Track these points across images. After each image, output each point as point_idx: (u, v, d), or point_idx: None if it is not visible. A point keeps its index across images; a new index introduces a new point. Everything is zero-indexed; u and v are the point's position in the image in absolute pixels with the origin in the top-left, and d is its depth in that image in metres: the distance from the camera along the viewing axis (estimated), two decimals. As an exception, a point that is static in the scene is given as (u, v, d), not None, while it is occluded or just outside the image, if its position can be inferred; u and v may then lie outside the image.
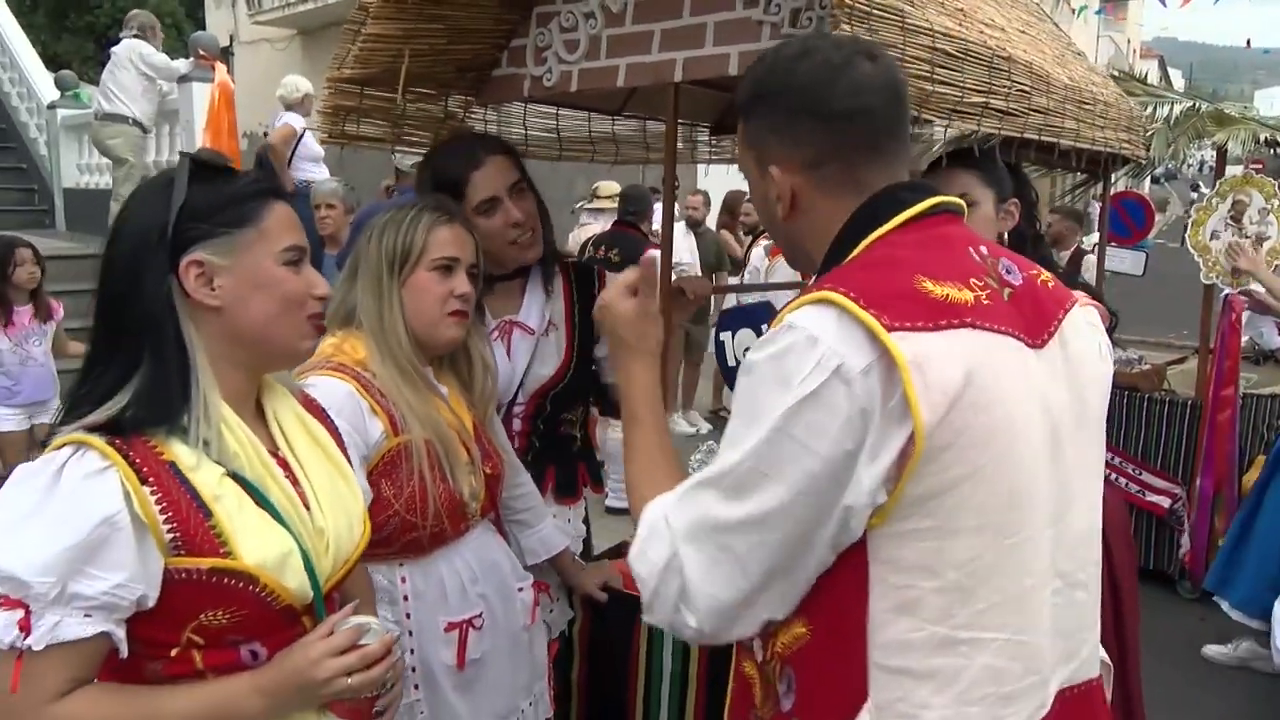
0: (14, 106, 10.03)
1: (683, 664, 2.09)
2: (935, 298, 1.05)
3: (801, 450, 1.01)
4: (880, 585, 1.05)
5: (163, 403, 1.18)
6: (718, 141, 3.16)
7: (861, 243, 1.13)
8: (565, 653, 2.26)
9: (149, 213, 1.21)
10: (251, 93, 9.84)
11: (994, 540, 1.06)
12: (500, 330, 2.13)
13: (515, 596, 1.88)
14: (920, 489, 1.02)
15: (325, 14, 11.51)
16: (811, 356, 1.01)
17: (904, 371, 0.99)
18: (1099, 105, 2.47)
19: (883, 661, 1.06)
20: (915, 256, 1.09)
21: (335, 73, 2.09)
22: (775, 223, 1.24)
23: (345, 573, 1.36)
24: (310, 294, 1.29)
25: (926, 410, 0.99)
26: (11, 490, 1.14)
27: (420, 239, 1.73)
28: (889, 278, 1.06)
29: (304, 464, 1.33)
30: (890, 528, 1.03)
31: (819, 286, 1.07)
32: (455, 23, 2.08)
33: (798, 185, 1.18)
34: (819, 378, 1.00)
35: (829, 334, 1.01)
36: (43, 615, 1.09)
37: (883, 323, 1.00)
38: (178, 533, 1.15)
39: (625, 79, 2.03)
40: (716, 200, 7.78)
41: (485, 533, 1.87)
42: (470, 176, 2.00)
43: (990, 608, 1.06)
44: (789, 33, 1.79)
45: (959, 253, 1.13)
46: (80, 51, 17.28)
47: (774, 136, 1.18)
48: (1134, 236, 7.10)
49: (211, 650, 1.20)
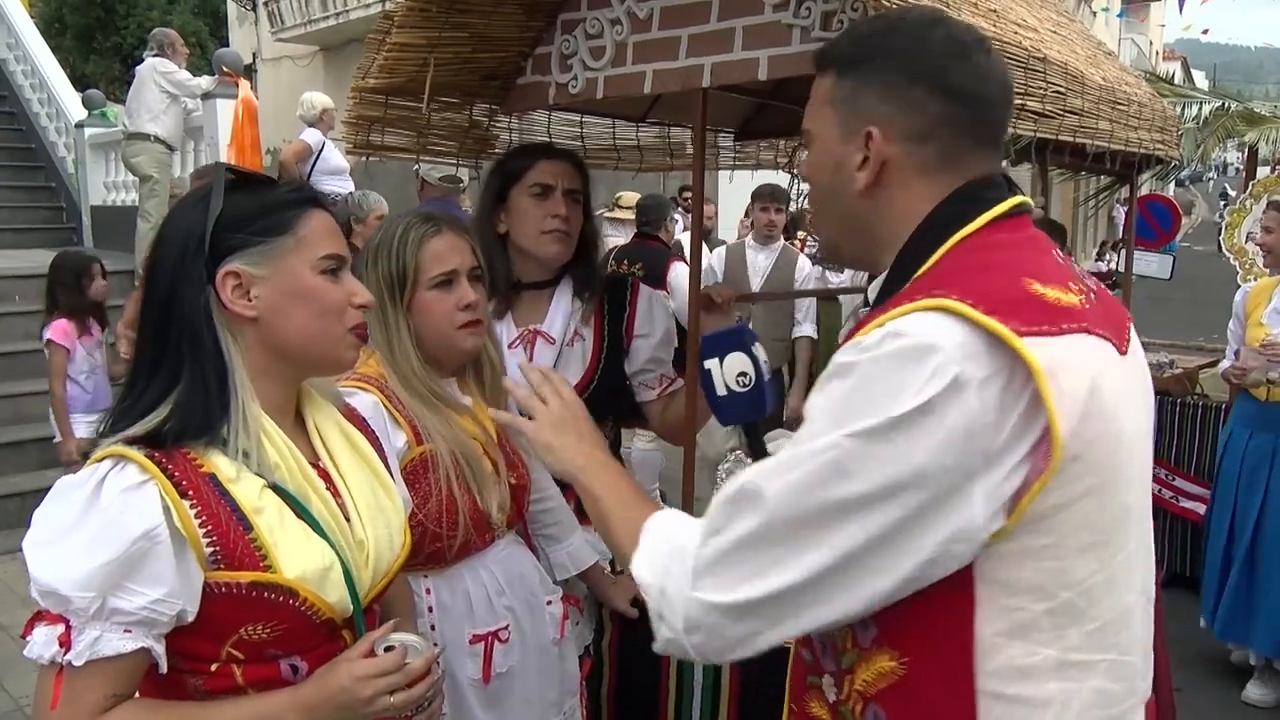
0: (43, 126, 10.17)
1: (714, 679, 2.06)
2: (1050, 301, 0.98)
3: (897, 459, 0.91)
4: (989, 608, 0.97)
5: (201, 415, 1.17)
6: (742, 147, 3.14)
7: (947, 240, 1.05)
8: (595, 667, 2.23)
9: (187, 223, 1.21)
10: (275, 109, 9.93)
11: (1107, 557, 1.00)
12: (523, 339, 2.12)
13: (544, 610, 1.85)
14: (1046, 504, 0.94)
15: (347, 30, 11.60)
16: (927, 365, 0.91)
17: (1041, 379, 0.91)
18: (1133, 105, 2.43)
19: (995, 689, 0.99)
20: (1016, 258, 1.02)
21: (360, 83, 2.08)
22: (842, 195, 1.12)
23: (385, 585, 1.34)
24: (351, 303, 1.27)
25: (1064, 420, 0.92)
26: (52, 504, 1.13)
27: (413, 259, 1.69)
28: (1000, 280, 0.98)
29: (345, 475, 1.32)
30: (1006, 546, 0.96)
31: (922, 293, 0.97)
32: (480, 31, 2.07)
33: (893, 156, 1.08)
34: (935, 387, 0.90)
35: (947, 342, 0.92)
36: (83, 631, 1.08)
37: (1012, 328, 0.92)
38: (217, 546, 1.14)
39: (652, 85, 2.01)
40: (735, 209, 7.74)
41: (512, 544, 1.85)
42: (538, 163, 2.10)
43: (1100, 627, 1.01)
44: (820, 36, 1.77)
45: (1049, 255, 1.07)
46: (108, 72, 17.52)
47: (882, 98, 1.08)
48: (1160, 240, 7.02)
49: (251, 665, 1.19)
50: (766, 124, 2.94)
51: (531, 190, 2.07)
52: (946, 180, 1.09)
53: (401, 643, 1.24)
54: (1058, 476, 0.93)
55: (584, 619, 2.11)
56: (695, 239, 2.14)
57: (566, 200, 2.08)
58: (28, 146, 10.32)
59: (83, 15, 18.03)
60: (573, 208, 2.09)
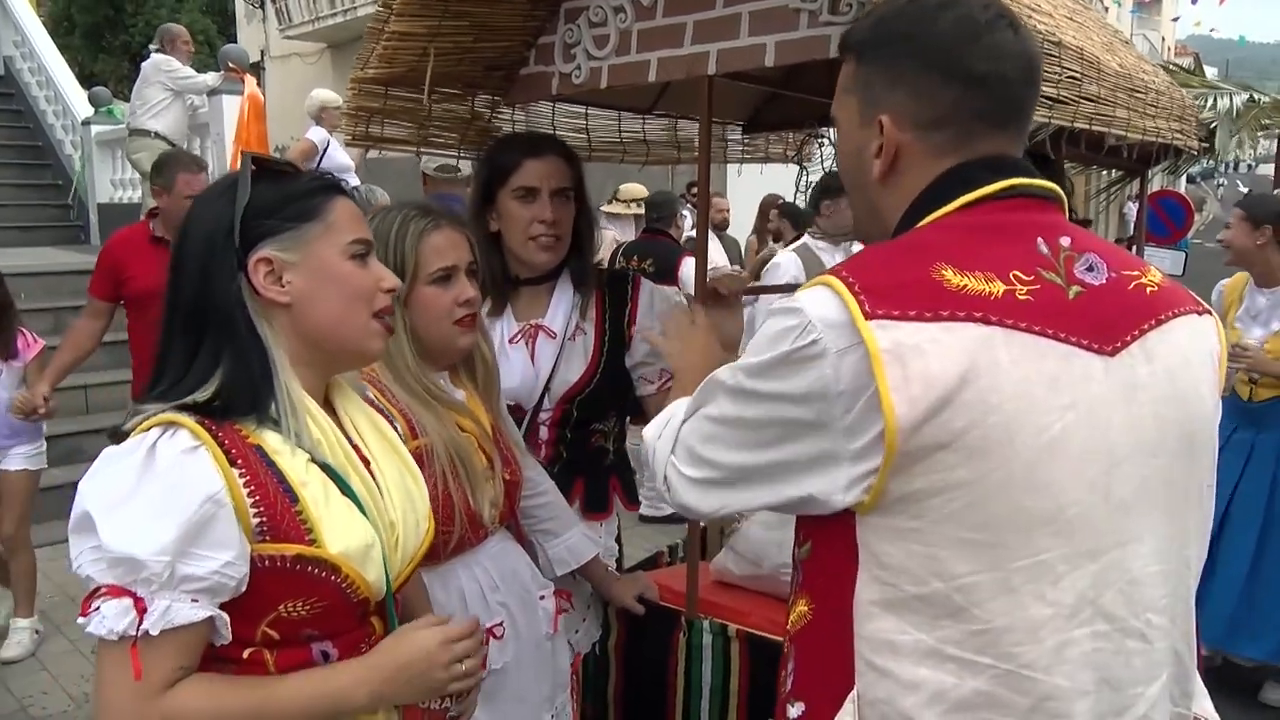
0: (50, 124, 10.20)
1: (723, 678, 2.02)
2: (948, 288, 0.97)
3: (768, 397, 1.02)
4: (866, 574, 1.01)
5: (250, 394, 1.16)
6: (750, 140, 3.09)
7: (920, 223, 1.06)
8: (601, 667, 2.20)
9: (215, 213, 1.20)
10: (282, 107, 9.94)
11: (995, 560, 0.96)
12: (524, 333, 2.09)
13: (537, 605, 1.83)
14: (909, 487, 0.96)
15: (355, 27, 11.60)
16: (796, 324, 0.99)
17: (875, 359, 0.94)
18: (1150, 94, 2.37)
19: (868, 657, 1.01)
20: (950, 241, 1.02)
21: (359, 73, 2.04)
22: (863, 181, 1.14)
23: (411, 570, 1.34)
24: (380, 287, 1.27)
25: (903, 403, 0.93)
26: (102, 473, 1.11)
27: (412, 253, 1.66)
28: (904, 263, 1.00)
29: (376, 458, 1.32)
30: (875, 519, 0.99)
31: (834, 269, 1.03)
32: (481, 20, 2.03)
33: (905, 144, 1.08)
34: (797, 344, 0.98)
35: (816, 311, 0.98)
36: (154, 600, 1.06)
37: (864, 309, 0.95)
38: (264, 517, 1.13)
39: (657, 73, 1.97)
40: (746, 205, 7.70)
41: (504, 541, 1.83)
42: (524, 162, 2.02)
43: (989, 630, 0.96)
44: (828, 20, 1.72)
45: (1013, 242, 1.02)
46: (116, 71, 17.54)
47: (894, 85, 1.08)
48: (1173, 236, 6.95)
49: (285, 649, 1.18)
50: (775, 116, 2.89)
51: (516, 194, 2.02)
52: (952, 163, 1.07)
53: (470, 617, 1.29)
54: (919, 461, 0.95)
55: (590, 618, 2.08)
56: (701, 230, 2.10)
57: (555, 201, 2.02)
58: (35, 144, 10.35)
59: (91, 13, 18.08)
60: (562, 207, 2.04)
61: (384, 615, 1.27)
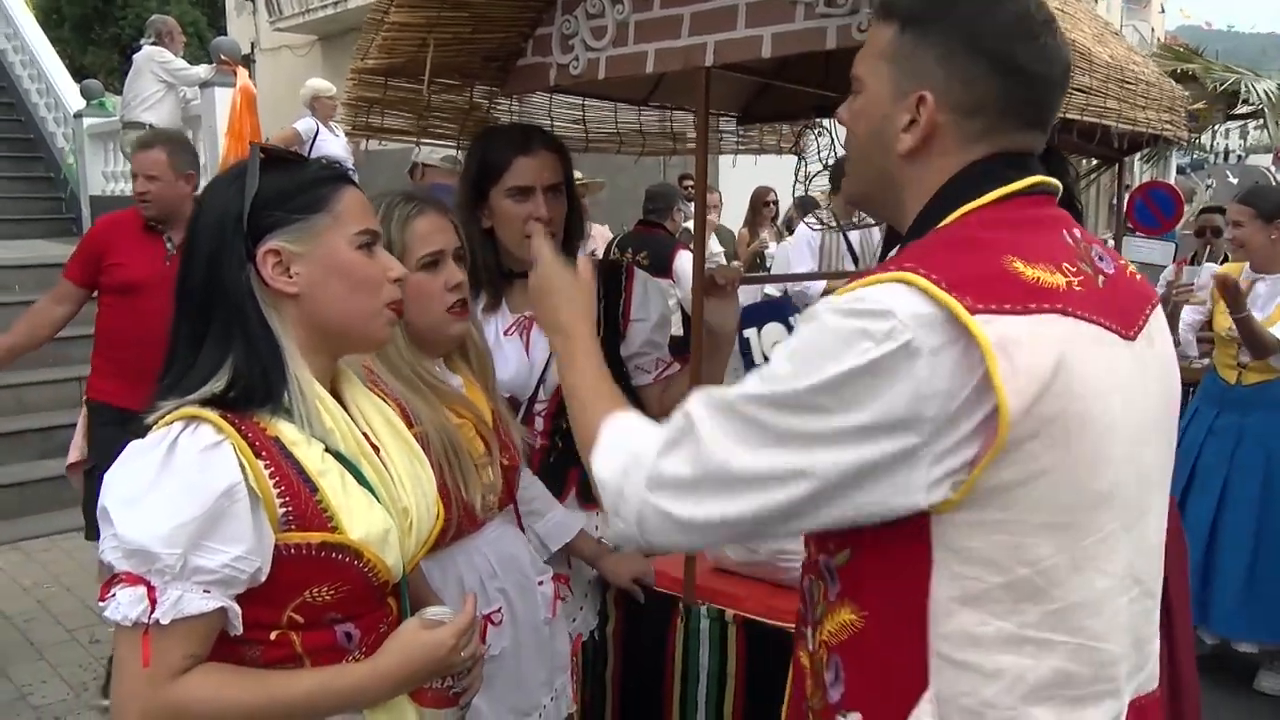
0: (41, 117, 10.14)
1: (720, 663, 2.05)
2: (1026, 280, 0.98)
3: (844, 412, 0.95)
4: (944, 572, 1.00)
5: (263, 384, 1.19)
6: (745, 131, 3.11)
7: (954, 212, 1.05)
8: (599, 652, 2.22)
9: (223, 204, 1.22)
10: (274, 99, 9.90)
11: (1072, 540, 1.00)
12: (519, 325, 2.10)
13: (535, 590, 1.84)
14: (998, 479, 0.95)
15: (345, 20, 11.55)
16: (881, 326, 0.94)
17: (988, 354, 0.92)
18: (1141, 85, 2.40)
19: (947, 653, 1.01)
20: (1007, 237, 1.02)
21: (359, 63, 2.06)
22: (882, 152, 1.11)
23: (424, 552, 1.38)
24: (387, 277, 1.29)
25: (1013, 396, 0.93)
26: (124, 466, 1.14)
27: (399, 239, 1.66)
28: (976, 258, 0.99)
29: (385, 445, 1.34)
30: (960, 515, 0.97)
31: (896, 265, 0.99)
32: (479, 11, 2.04)
33: (941, 124, 1.07)
34: (885, 348, 0.93)
35: (903, 310, 0.94)
36: (166, 590, 1.09)
37: (965, 304, 0.93)
38: (290, 507, 1.16)
39: (654, 65, 1.98)
40: (738, 196, 7.71)
41: (503, 525, 1.84)
42: (515, 160, 2.00)
43: (1064, 609, 1.00)
44: (824, 13, 1.74)
45: (1052, 235, 1.06)
46: (106, 63, 17.45)
47: (942, 64, 1.05)
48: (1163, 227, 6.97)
49: (310, 631, 1.21)
50: (769, 108, 2.91)
51: (510, 193, 2.01)
52: (980, 152, 1.07)
53: (439, 613, 1.29)
54: (1010, 453, 0.94)
55: (587, 605, 2.10)
56: (699, 221, 2.12)
57: (548, 197, 2.02)
58: (27, 137, 10.30)
59: (81, 6, 17.97)
60: (555, 202, 2.03)
61: (399, 596, 1.31)
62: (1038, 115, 1.09)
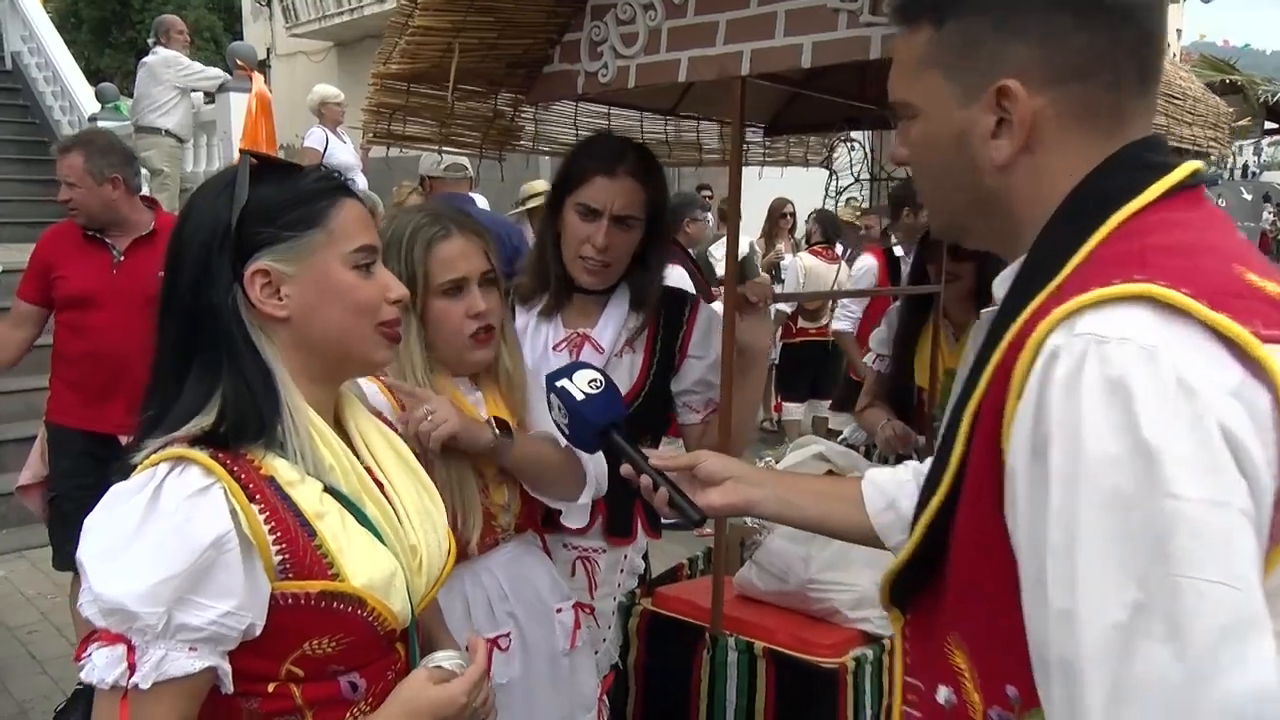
0: (56, 120, 10.15)
1: (749, 699, 1.95)
2: (1271, 295, 0.77)
3: (1228, 497, 0.70)
4: None
5: (255, 417, 1.08)
6: (771, 143, 3.04)
7: (1112, 217, 0.82)
8: (620, 684, 2.13)
9: (209, 218, 1.11)
10: (289, 105, 9.89)
11: None
12: (570, 342, 2.02)
13: (552, 618, 1.76)
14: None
15: (361, 26, 11.56)
16: (1161, 377, 0.71)
17: None
18: (1188, 100, 2.33)
19: None
20: (1218, 240, 0.81)
21: (382, 68, 1.99)
22: (969, 174, 0.91)
23: (435, 591, 1.27)
24: (385, 298, 1.19)
25: None
26: (106, 513, 1.05)
27: (421, 263, 1.61)
28: (1209, 266, 0.77)
29: (391, 478, 1.24)
30: None
31: (1103, 279, 0.76)
32: (506, 16, 1.97)
33: (1040, 110, 0.86)
34: (1192, 406, 0.70)
35: (1168, 344, 0.72)
36: (147, 650, 1.00)
37: (1252, 330, 0.72)
38: (286, 554, 1.06)
39: (687, 74, 1.91)
40: (757, 208, 7.64)
41: (519, 549, 1.76)
42: (594, 178, 1.93)
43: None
44: (868, 21, 1.66)
45: (1241, 239, 0.87)
46: (123, 66, 17.51)
47: (1016, 33, 0.86)
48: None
49: (311, 683, 1.11)
50: (797, 118, 2.84)
51: (578, 208, 1.94)
52: (1110, 130, 0.86)
53: (449, 661, 1.18)
54: None
55: (611, 635, 2.01)
56: (732, 237, 2.04)
57: (614, 227, 1.93)
58: (41, 140, 10.29)
59: (98, 9, 18.09)
60: (621, 234, 1.94)
61: (408, 640, 1.21)
62: (1149, 62, 0.87)
